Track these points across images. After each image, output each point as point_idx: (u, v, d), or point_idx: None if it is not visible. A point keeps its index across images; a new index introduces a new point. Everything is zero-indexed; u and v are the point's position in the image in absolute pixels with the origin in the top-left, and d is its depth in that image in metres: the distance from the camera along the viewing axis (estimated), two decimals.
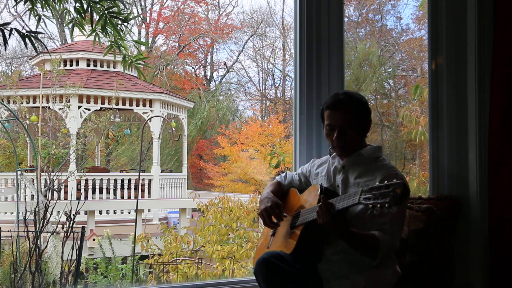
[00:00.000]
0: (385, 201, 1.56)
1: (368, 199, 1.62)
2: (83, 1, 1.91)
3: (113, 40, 2.01)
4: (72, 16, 1.98)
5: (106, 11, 1.92)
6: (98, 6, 1.93)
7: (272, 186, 2.26)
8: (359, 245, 1.84)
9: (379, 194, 1.59)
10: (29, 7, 1.92)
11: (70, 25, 2.02)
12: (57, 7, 2.02)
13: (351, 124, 1.98)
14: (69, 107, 9.05)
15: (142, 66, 2.11)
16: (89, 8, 1.90)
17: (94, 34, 2.00)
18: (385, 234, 1.84)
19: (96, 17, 1.96)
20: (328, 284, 1.94)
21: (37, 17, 1.94)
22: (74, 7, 1.95)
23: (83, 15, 1.96)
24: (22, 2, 1.98)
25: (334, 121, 1.99)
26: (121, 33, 2.02)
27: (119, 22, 1.98)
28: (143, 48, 18.36)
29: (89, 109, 9.85)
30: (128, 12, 2.05)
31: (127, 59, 2.05)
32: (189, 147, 16.51)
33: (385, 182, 1.61)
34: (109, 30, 1.99)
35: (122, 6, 2.02)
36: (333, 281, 1.94)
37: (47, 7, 1.96)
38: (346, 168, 2.02)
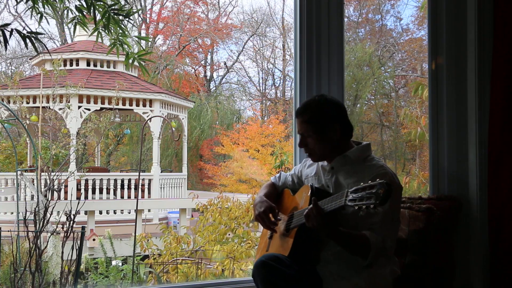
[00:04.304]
0: (370, 202, 1.56)
1: (353, 201, 1.63)
2: None
3: (115, 38, 1.99)
4: (74, 14, 1.97)
5: (108, 8, 1.91)
6: (100, 3, 1.92)
7: (266, 189, 2.26)
8: (349, 245, 1.85)
9: (364, 195, 1.59)
10: (30, 6, 1.91)
11: (71, 24, 2.00)
12: (58, 5, 2.01)
13: (308, 133, 1.99)
14: (69, 107, 9.04)
15: (145, 62, 2.08)
16: (92, 7, 1.89)
17: (96, 32, 1.99)
18: (376, 234, 1.84)
19: (98, 15, 1.95)
20: (328, 285, 1.94)
21: (39, 15, 1.93)
22: (76, 6, 1.94)
23: (84, 13, 1.95)
24: (23, 2, 1.97)
25: (298, 129, 2.04)
26: (124, 31, 2.01)
27: (121, 18, 1.96)
28: (144, 45, 18.38)
29: (89, 109, 9.85)
30: (130, 8, 2.03)
31: (130, 55, 2.03)
32: (192, 150, 16.53)
33: (369, 182, 1.61)
34: (112, 28, 1.97)
35: (123, 2, 2.01)
36: (332, 281, 1.94)
37: (48, 6, 1.95)
38: (335, 169, 2.02)
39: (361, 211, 1.60)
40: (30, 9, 1.90)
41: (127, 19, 1.98)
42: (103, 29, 1.96)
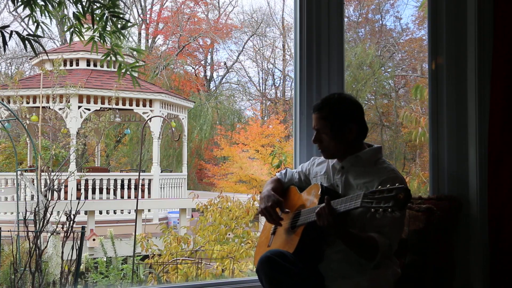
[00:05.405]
0: (388, 206, 1.56)
1: (370, 203, 1.62)
2: (83, 3, 1.90)
3: (110, 48, 2.01)
4: (71, 22, 1.98)
5: (106, 11, 1.91)
6: (97, 12, 1.92)
7: (273, 183, 2.24)
8: (357, 247, 1.84)
9: (381, 198, 1.59)
10: (28, 13, 1.90)
11: (68, 32, 2.01)
12: (56, 13, 2.01)
13: (323, 129, 1.98)
14: (69, 107, 9.04)
15: (137, 74, 2.09)
16: (90, 9, 1.89)
17: (92, 41, 2.00)
18: (384, 237, 1.84)
19: (96, 18, 1.95)
20: (330, 283, 1.95)
21: (35, 24, 1.92)
22: (73, 13, 1.94)
23: (81, 20, 1.95)
24: (21, 6, 1.97)
25: (313, 124, 2.02)
26: (119, 41, 2.01)
27: (116, 29, 1.97)
28: (143, 44, 18.39)
29: (89, 109, 9.86)
30: (126, 21, 2.04)
31: (122, 66, 2.04)
32: (194, 151, 16.51)
33: (388, 186, 1.60)
34: (107, 38, 1.98)
35: (121, 6, 2.01)
36: (335, 280, 1.94)
37: (46, 14, 1.94)
38: (345, 169, 2.01)
39: (377, 214, 1.60)
40: (28, 17, 1.89)
41: (122, 30, 1.98)
42: (98, 38, 1.97)
